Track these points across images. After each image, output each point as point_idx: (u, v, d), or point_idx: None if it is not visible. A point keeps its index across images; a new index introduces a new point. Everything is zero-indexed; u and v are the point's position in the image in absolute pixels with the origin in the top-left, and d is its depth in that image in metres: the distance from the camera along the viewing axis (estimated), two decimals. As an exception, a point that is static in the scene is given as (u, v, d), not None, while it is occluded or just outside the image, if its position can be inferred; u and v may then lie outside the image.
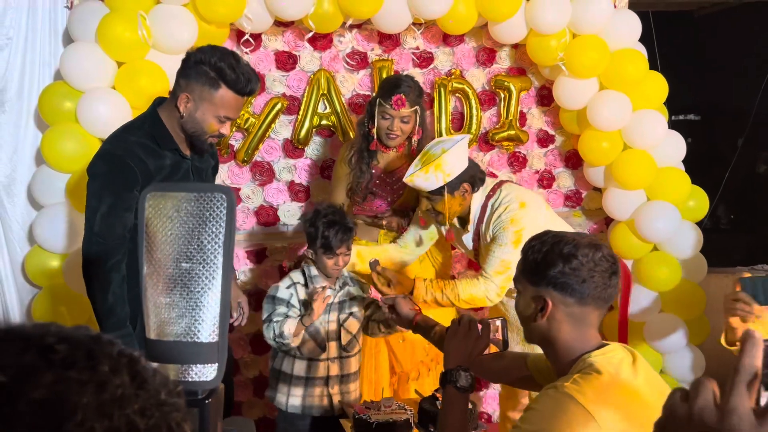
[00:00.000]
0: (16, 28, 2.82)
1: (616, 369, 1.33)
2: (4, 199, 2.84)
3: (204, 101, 2.05)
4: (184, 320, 0.93)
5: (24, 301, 2.88)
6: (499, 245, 2.30)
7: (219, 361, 0.95)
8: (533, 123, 3.35)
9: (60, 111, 2.68)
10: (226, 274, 0.94)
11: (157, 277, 0.95)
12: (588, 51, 2.92)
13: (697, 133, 5.63)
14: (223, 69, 2.01)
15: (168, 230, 0.94)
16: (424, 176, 2.26)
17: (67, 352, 0.50)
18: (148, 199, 0.97)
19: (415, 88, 2.59)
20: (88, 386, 0.49)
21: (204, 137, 2.10)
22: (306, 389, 2.31)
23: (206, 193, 0.94)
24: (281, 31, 3.07)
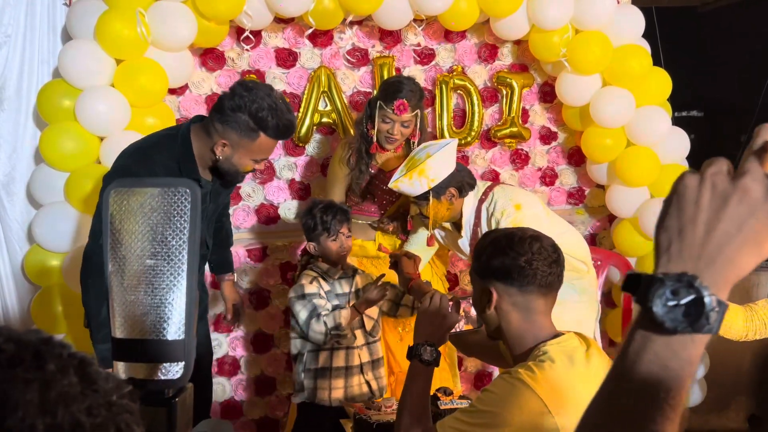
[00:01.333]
0: (14, 25, 2.80)
1: (569, 357, 1.39)
2: (3, 198, 2.82)
3: (241, 148, 2.04)
4: (149, 318, 0.92)
5: (23, 300, 2.86)
6: None
7: (186, 359, 0.94)
8: (535, 120, 3.32)
9: (59, 109, 2.66)
10: (192, 270, 0.93)
11: (122, 274, 0.94)
12: (591, 47, 2.89)
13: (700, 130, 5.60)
14: (263, 118, 1.99)
15: (132, 226, 0.93)
16: (408, 182, 2.25)
17: (14, 352, 0.52)
18: (112, 195, 0.95)
19: (416, 91, 2.56)
20: (33, 384, 0.50)
21: (238, 176, 2.17)
22: (346, 380, 2.31)
23: (170, 187, 0.92)
24: (281, 27, 3.05)
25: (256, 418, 3.18)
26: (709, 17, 5.07)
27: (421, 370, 1.57)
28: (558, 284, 1.50)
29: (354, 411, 2.04)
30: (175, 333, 0.92)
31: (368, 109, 2.62)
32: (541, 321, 1.48)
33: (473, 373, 3.38)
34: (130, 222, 0.93)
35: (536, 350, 1.43)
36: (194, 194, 0.93)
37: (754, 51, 4.86)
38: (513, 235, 1.49)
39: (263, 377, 3.18)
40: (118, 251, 0.94)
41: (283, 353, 3.19)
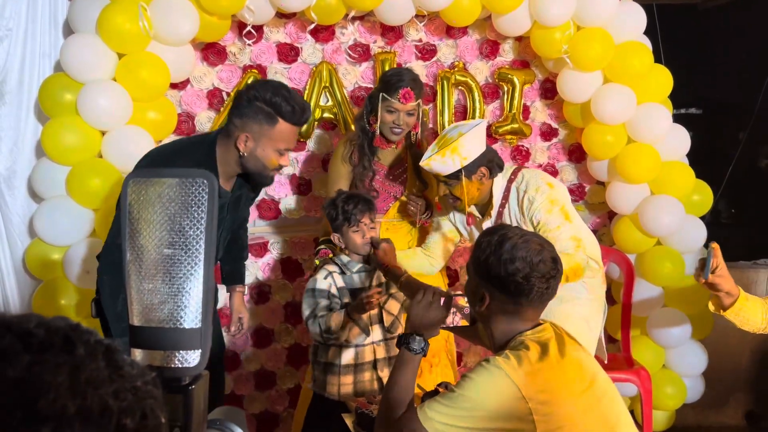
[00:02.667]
0: (16, 19, 2.80)
1: (543, 346, 1.48)
2: (5, 192, 2.82)
3: (263, 137, 2.05)
4: (167, 306, 0.93)
5: (24, 294, 2.86)
6: (557, 228, 2.25)
7: (202, 347, 0.95)
8: (537, 116, 3.33)
9: (60, 103, 2.66)
10: (209, 260, 0.94)
11: (140, 263, 0.94)
12: (593, 44, 2.89)
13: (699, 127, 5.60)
14: (278, 103, 2.02)
15: (150, 216, 0.93)
16: (440, 159, 2.24)
17: (44, 337, 0.53)
18: (130, 185, 0.96)
19: (417, 80, 2.56)
20: (63, 368, 0.52)
21: (266, 172, 2.12)
22: (356, 376, 2.29)
23: (188, 178, 0.93)
24: (283, 22, 3.04)
25: (256, 412, 3.19)
26: (709, 15, 5.07)
27: (408, 358, 1.64)
28: (551, 297, 1.56)
29: (356, 405, 2.04)
30: (192, 321, 0.93)
31: (369, 104, 2.60)
32: (527, 324, 1.57)
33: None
34: (148, 212, 0.94)
35: (513, 340, 1.54)
36: (212, 185, 0.94)
37: (754, 49, 4.86)
38: (516, 247, 1.51)
39: (263, 372, 3.19)
40: (137, 240, 0.95)
41: (284, 348, 3.20)
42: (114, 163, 2.69)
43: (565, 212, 2.28)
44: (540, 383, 1.43)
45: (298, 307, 3.17)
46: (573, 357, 1.51)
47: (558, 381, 1.45)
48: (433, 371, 2.62)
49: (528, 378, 1.42)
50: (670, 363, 3.18)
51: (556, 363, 1.47)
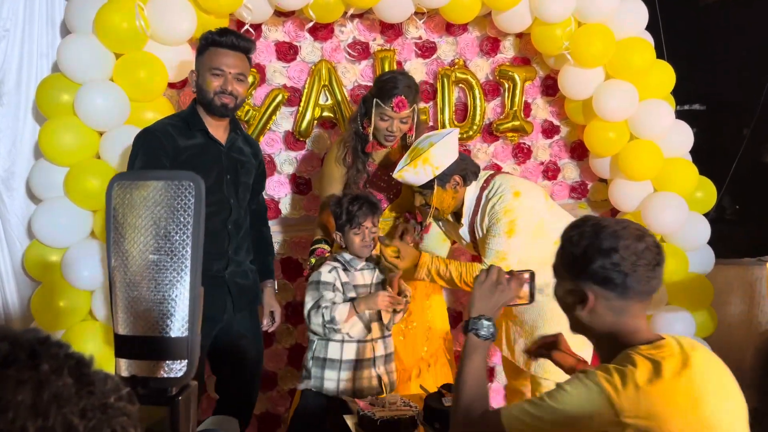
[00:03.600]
0: (13, 19, 2.78)
1: (656, 365, 1.29)
2: (3, 193, 2.81)
3: (200, 67, 2.32)
4: (152, 314, 0.90)
5: (23, 295, 2.85)
6: (493, 236, 2.30)
7: (189, 356, 0.92)
8: (538, 113, 3.30)
9: (58, 103, 2.64)
10: (195, 266, 0.91)
11: (125, 269, 0.91)
12: (594, 40, 2.86)
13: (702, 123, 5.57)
14: (206, 35, 2.30)
15: (135, 220, 0.90)
16: (413, 170, 2.26)
17: (8, 351, 0.51)
18: (115, 187, 0.93)
19: (413, 86, 2.52)
20: (26, 384, 0.49)
21: (209, 97, 2.29)
22: (355, 372, 2.29)
23: (174, 180, 0.90)
24: (281, 21, 3.02)
25: (257, 413, 3.17)
26: (711, 10, 5.04)
27: (478, 344, 1.51)
28: (658, 286, 1.40)
29: (358, 408, 2.02)
30: (178, 330, 0.90)
31: (363, 107, 2.57)
32: (636, 324, 1.39)
33: (475, 368, 3.38)
34: (133, 216, 0.91)
35: (623, 354, 1.35)
36: (198, 188, 0.91)
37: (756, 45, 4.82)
38: (616, 234, 1.34)
39: (265, 372, 3.16)
40: (122, 246, 0.92)
41: (285, 348, 3.18)
42: (112, 164, 2.67)
43: (512, 225, 2.26)
44: (644, 408, 1.25)
45: (298, 307, 3.15)
46: (699, 379, 1.32)
47: (667, 406, 1.27)
48: (431, 371, 2.60)
49: (630, 401, 1.26)
50: (674, 361, 3.16)
51: (668, 387, 1.28)
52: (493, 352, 3.36)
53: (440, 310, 2.74)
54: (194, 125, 2.32)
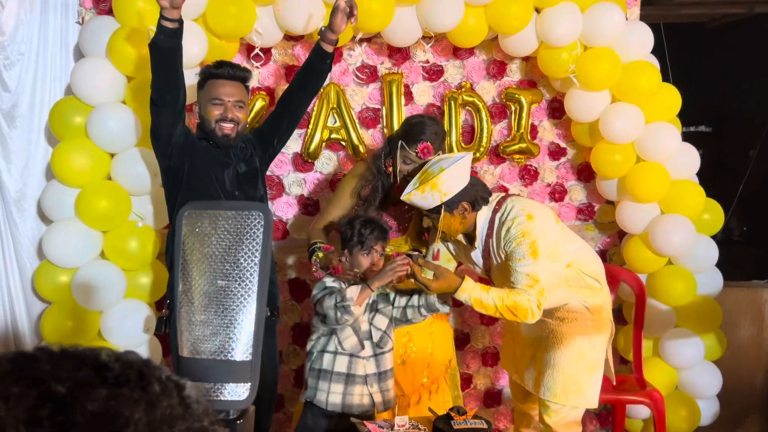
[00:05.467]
0: (27, 43, 2.84)
1: None
2: (15, 214, 2.84)
3: (202, 100, 2.42)
4: (218, 338, 0.91)
5: (32, 315, 2.87)
6: (518, 260, 2.25)
7: (252, 380, 0.93)
8: (544, 136, 3.32)
9: (70, 126, 2.68)
10: (262, 293, 0.93)
11: (192, 294, 0.93)
12: (600, 63, 2.89)
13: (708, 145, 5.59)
14: (204, 69, 2.42)
15: (205, 247, 0.93)
16: (420, 195, 2.24)
17: (120, 371, 0.54)
18: (185, 217, 0.95)
19: (440, 133, 2.50)
20: (140, 404, 0.52)
21: (211, 126, 2.39)
22: (346, 386, 2.28)
23: (243, 210, 0.93)
24: (291, 45, 3.07)
25: None
26: (716, 33, 5.08)
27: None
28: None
29: (366, 429, 2.02)
30: (242, 354, 0.91)
31: (387, 146, 2.55)
32: None
33: (482, 391, 3.36)
34: (202, 243, 0.93)
35: None
36: (267, 218, 0.93)
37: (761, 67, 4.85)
38: None
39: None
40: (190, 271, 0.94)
41: (291, 370, 3.18)
42: (123, 185, 2.70)
43: (534, 247, 2.24)
44: None
45: (305, 328, 3.15)
46: None
47: None
48: (433, 398, 2.58)
49: None
50: (684, 384, 3.14)
51: None
52: (500, 375, 3.34)
53: (443, 336, 2.70)
54: (203, 136, 2.45)
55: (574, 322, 2.41)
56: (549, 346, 2.43)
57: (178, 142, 2.37)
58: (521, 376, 2.56)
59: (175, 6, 2.17)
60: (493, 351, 3.33)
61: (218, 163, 2.42)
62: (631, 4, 3.15)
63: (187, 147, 2.40)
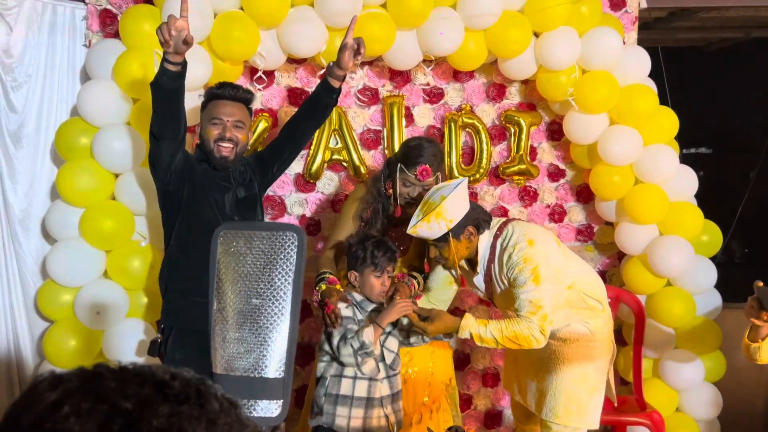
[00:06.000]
0: (35, 65, 2.89)
1: None
2: (19, 233, 2.87)
3: (203, 120, 2.43)
4: (252, 355, 0.94)
5: (35, 334, 2.89)
6: (521, 287, 2.26)
7: (284, 397, 0.95)
8: (544, 157, 3.35)
9: (76, 146, 2.72)
10: (295, 311, 0.95)
11: (227, 312, 0.95)
12: (598, 86, 2.93)
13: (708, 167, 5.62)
14: (207, 90, 2.43)
15: (240, 267, 0.95)
16: (427, 226, 2.25)
17: (180, 389, 0.56)
18: (220, 236, 0.98)
19: (438, 155, 2.53)
20: (201, 421, 0.55)
21: (210, 146, 2.38)
22: (366, 411, 2.29)
23: (278, 231, 0.96)
24: (294, 67, 3.12)
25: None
26: (715, 57, 5.14)
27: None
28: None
29: None
30: (275, 371, 0.93)
31: (387, 169, 2.58)
32: None
33: (483, 412, 3.35)
34: (237, 263, 0.95)
35: None
36: (301, 239, 0.96)
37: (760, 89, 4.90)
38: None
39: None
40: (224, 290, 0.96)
41: (292, 390, 3.18)
42: (126, 205, 2.73)
43: (536, 273, 2.25)
44: None
45: (307, 348, 3.16)
46: None
47: None
48: (434, 417, 2.58)
49: None
50: (684, 406, 3.13)
51: None
52: (501, 396, 3.34)
53: (443, 355, 2.71)
54: (202, 159, 2.43)
55: (576, 343, 2.42)
56: (551, 367, 2.43)
57: (178, 168, 2.35)
58: (524, 397, 2.56)
59: (179, 52, 2.15)
60: (494, 372, 3.33)
61: (218, 188, 2.40)
62: (628, 29, 3.20)
63: (187, 171, 2.36)
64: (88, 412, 0.51)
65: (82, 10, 2.95)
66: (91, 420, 0.51)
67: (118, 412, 0.52)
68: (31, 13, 2.87)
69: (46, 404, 0.52)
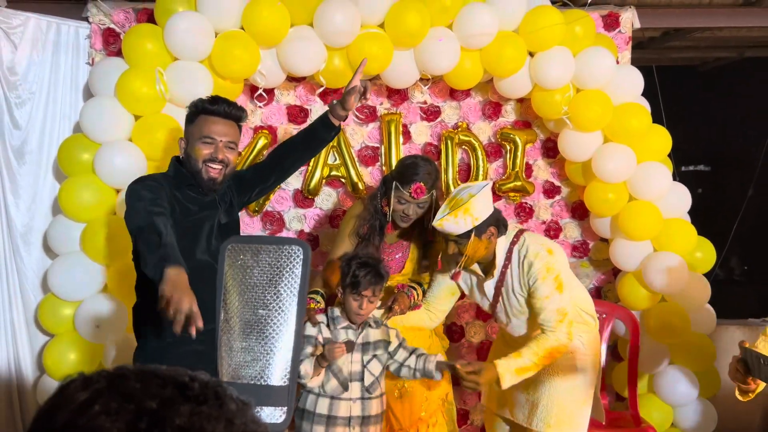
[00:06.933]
0: (38, 83, 2.94)
1: None
2: (21, 248, 2.91)
3: (190, 136, 2.18)
4: (258, 364, 0.98)
5: (35, 348, 2.91)
6: (546, 298, 2.31)
7: (288, 404, 0.99)
8: (539, 174, 3.40)
9: (78, 162, 2.77)
10: (299, 322, 0.99)
11: (233, 322, 0.99)
12: (592, 105, 2.98)
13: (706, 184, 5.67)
14: (197, 102, 2.18)
15: (247, 279, 0.99)
16: (453, 220, 2.29)
17: (199, 390, 0.59)
18: (227, 250, 1.02)
19: (432, 173, 2.55)
20: (220, 421, 0.58)
21: (198, 167, 2.14)
22: (327, 428, 2.28)
23: (284, 245, 1.00)
24: (293, 86, 3.17)
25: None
26: (710, 76, 5.20)
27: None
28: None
29: None
30: (280, 379, 0.97)
31: (382, 187, 2.61)
32: None
33: (479, 427, 3.36)
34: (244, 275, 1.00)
35: None
36: (306, 253, 1.00)
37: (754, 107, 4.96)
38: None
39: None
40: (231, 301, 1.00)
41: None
42: (127, 220, 2.76)
43: (559, 281, 2.31)
44: None
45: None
46: None
47: None
48: (430, 431, 2.60)
49: None
50: (679, 422, 3.14)
51: None
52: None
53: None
54: (184, 181, 2.18)
55: (570, 355, 2.46)
56: (544, 378, 2.46)
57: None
58: (511, 410, 2.58)
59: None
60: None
61: (200, 217, 2.18)
62: (621, 48, 3.25)
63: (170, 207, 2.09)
64: (117, 411, 0.55)
65: (85, 29, 3.01)
66: (120, 418, 0.54)
67: (145, 411, 0.55)
68: (36, 31, 2.93)
69: (78, 403, 0.56)
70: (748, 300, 4.67)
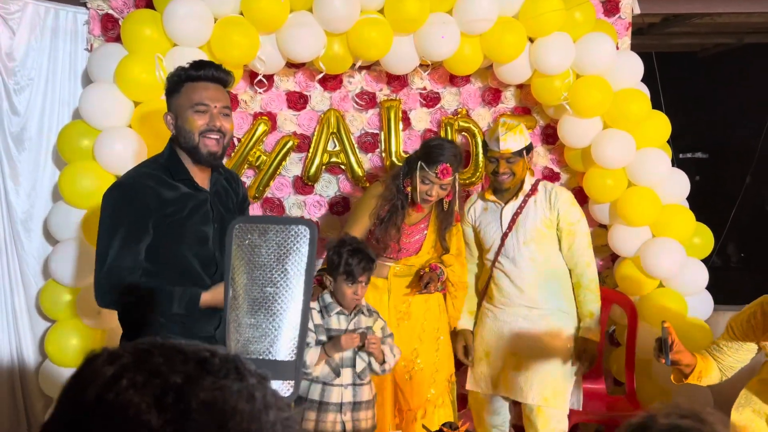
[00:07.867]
0: (37, 69, 2.94)
1: None
2: (22, 234, 2.91)
3: (179, 107, 1.98)
4: (266, 339, 1.01)
5: (36, 333, 2.93)
6: (577, 222, 2.69)
7: (296, 378, 1.02)
8: (539, 160, 3.40)
9: (78, 149, 2.77)
10: (307, 299, 1.02)
11: (242, 299, 1.02)
12: (591, 91, 2.98)
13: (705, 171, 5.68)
14: (179, 70, 2.00)
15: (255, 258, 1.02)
16: (514, 136, 2.62)
17: (220, 365, 0.60)
18: (235, 229, 1.05)
19: (458, 155, 2.59)
20: (243, 394, 0.59)
21: (194, 141, 1.96)
22: (319, 414, 2.31)
23: (291, 225, 1.03)
24: (293, 72, 3.17)
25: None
26: (709, 63, 5.20)
27: None
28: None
29: None
30: (287, 354, 1.00)
31: (406, 166, 2.62)
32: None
33: (478, 412, 3.39)
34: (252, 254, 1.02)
35: None
36: (313, 233, 1.03)
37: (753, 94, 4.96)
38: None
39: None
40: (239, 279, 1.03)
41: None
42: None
43: (583, 215, 2.72)
44: None
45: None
46: None
47: None
48: (437, 412, 2.63)
49: None
50: (676, 406, 3.17)
51: None
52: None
53: (447, 351, 2.77)
54: (177, 175, 2.00)
55: (565, 337, 2.66)
56: (539, 358, 2.61)
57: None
58: (506, 386, 2.64)
59: None
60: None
61: (197, 221, 2.01)
62: (621, 34, 3.25)
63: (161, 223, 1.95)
64: (144, 384, 0.56)
65: (84, 14, 3.00)
66: (148, 392, 0.56)
67: (170, 386, 0.57)
68: (34, 17, 2.92)
69: (107, 378, 0.57)
70: (744, 287, 4.70)
